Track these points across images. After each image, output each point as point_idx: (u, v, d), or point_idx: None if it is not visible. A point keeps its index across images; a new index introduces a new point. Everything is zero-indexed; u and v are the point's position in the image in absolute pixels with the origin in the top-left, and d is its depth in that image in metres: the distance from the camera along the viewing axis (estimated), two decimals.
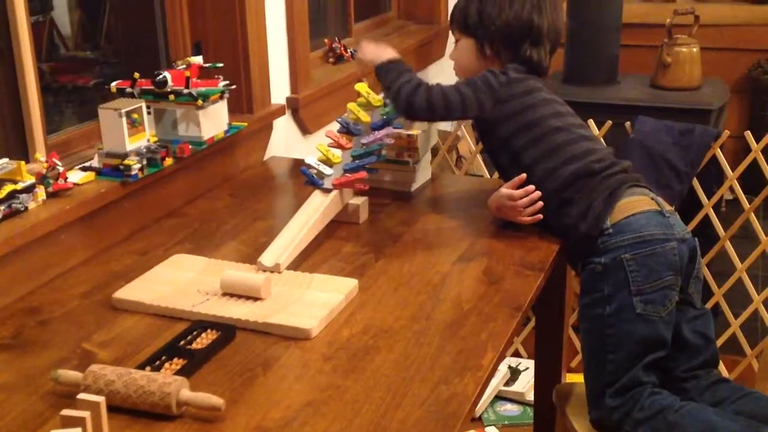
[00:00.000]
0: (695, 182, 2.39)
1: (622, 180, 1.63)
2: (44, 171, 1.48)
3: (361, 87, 1.85)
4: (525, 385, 2.49)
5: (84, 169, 1.59)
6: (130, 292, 1.37)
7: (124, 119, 1.57)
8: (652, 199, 1.63)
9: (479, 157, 2.66)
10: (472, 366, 1.20)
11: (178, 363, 1.17)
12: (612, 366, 1.56)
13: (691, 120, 2.55)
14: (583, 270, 1.64)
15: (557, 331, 1.97)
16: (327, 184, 1.64)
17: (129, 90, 1.71)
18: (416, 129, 1.87)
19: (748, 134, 2.32)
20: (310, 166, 1.68)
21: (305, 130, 2.33)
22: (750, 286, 2.43)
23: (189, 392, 1.07)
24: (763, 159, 2.29)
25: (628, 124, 2.46)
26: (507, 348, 1.31)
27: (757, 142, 2.29)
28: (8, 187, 1.39)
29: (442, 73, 3.41)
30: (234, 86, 1.83)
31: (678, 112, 2.75)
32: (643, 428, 1.53)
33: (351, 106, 1.81)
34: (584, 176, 1.62)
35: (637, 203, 1.61)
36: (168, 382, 1.06)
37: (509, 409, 2.46)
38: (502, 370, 2.53)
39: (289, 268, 1.46)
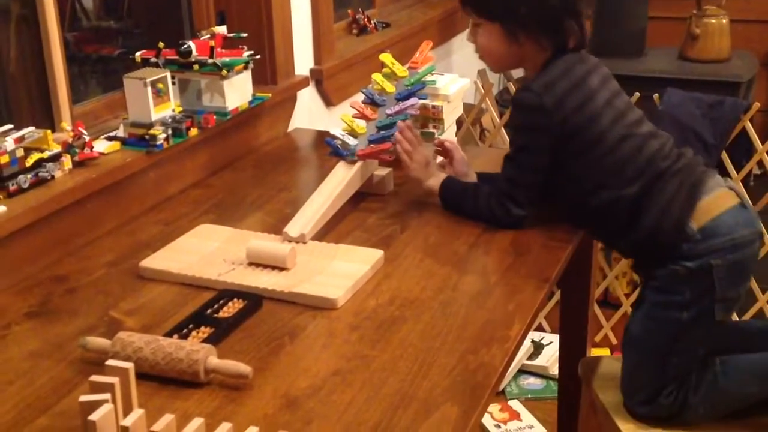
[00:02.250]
0: (724, 155, 2.35)
1: (695, 174, 1.48)
2: (70, 140, 1.48)
3: (386, 57, 1.83)
4: (548, 359, 2.48)
5: (109, 138, 1.59)
6: (156, 261, 1.37)
7: (149, 89, 1.56)
8: (731, 189, 1.50)
9: (503, 130, 2.63)
10: (500, 337, 1.19)
11: (204, 331, 1.17)
12: (674, 370, 1.48)
13: (720, 92, 2.52)
14: (659, 267, 1.49)
15: (583, 305, 1.95)
16: (352, 155, 1.63)
17: (153, 60, 1.70)
18: (441, 100, 1.85)
19: None
20: (334, 137, 1.67)
21: (329, 101, 2.31)
22: None
23: (217, 360, 1.07)
24: None
25: (656, 96, 2.42)
26: (534, 320, 1.30)
27: None
28: (35, 156, 1.39)
29: (466, 47, 3.38)
30: (258, 56, 1.82)
31: (707, 85, 2.71)
32: (703, 409, 1.48)
33: (376, 76, 1.79)
34: (653, 181, 1.47)
35: (720, 200, 1.47)
36: (196, 350, 1.06)
37: (532, 382, 2.46)
38: (526, 344, 2.52)
39: (314, 238, 1.45)
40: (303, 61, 2.18)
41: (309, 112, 2.22)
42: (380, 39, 2.56)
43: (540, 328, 2.67)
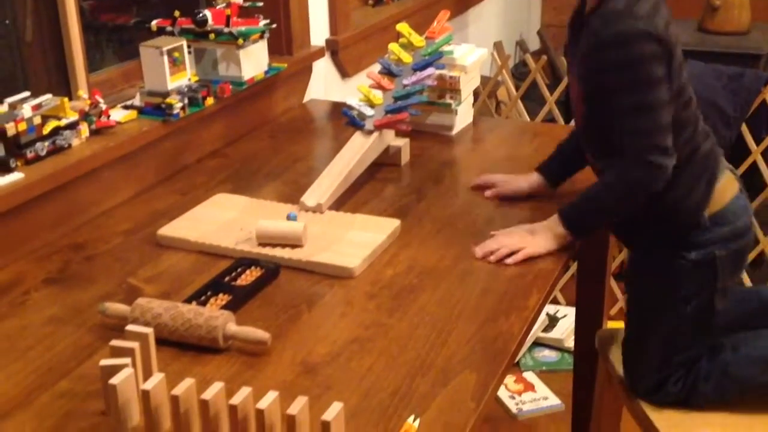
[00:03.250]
0: (744, 128, 2.33)
1: (716, 156, 1.43)
2: (87, 108, 1.48)
3: (403, 27, 1.81)
4: (563, 331, 2.48)
5: (126, 107, 1.58)
6: (173, 229, 1.37)
7: (165, 57, 1.55)
8: (732, 172, 1.46)
9: (520, 103, 2.61)
10: (518, 306, 1.18)
11: (223, 299, 1.17)
12: (680, 358, 1.45)
13: (740, 65, 2.48)
14: (659, 257, 1.45)
15: (599, 278, 1.94)
16: (368, 125, 1.62)
17: (169, 29, 1.69)
18: (458, 70, 1.84)
19: None
20: (351, 107, 1.66)
21: (344, 73, 2.30)
22: None
23: (235, 326, 1.07)
24: None
25: None
26: (552, 290, 1.29)
27: None
28: (52, 123, 1.39)
29: (482, 19, 3.35)
30: (274, 25, 1.80)
31: (727, 57, 2.68)
32: (713, 395, 1.46)
33: (392, 46, 1.77)
34: (690, 156, 1.39)
35: (728, 187, 1.42)
36: (215, 316, 1.06)
37: (547, 355, 2.46)
38: (540, 317, 2.52)
39: (330, 208, 1.45)
40: (319, 32, 2.16)
41: (325, 83, 2.21)
42: (396, 10, 2.54)
43: (555, 301, 2.67)
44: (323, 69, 2.20)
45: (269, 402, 0.88)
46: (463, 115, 1.89)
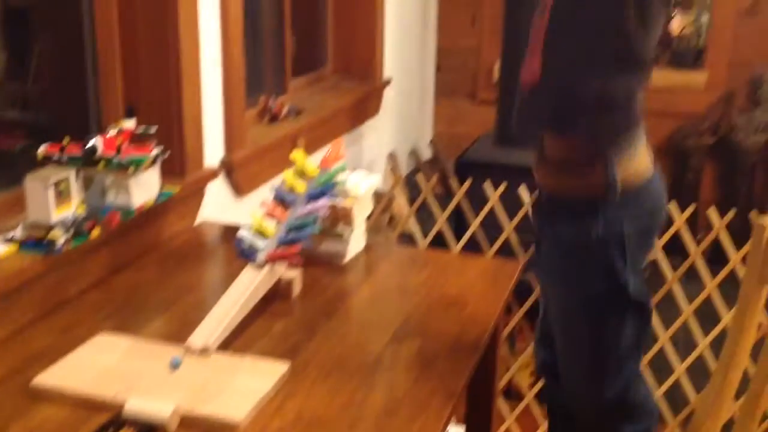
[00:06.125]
0: None
1: (639, 119, 1.48)
2: None
3: (298, 155, 1.83)
4: None
5: (6, 240, 1.52)
6: (49, 377, 1.31)
7: (51, 190, 1.52)
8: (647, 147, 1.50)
9: (413, 219, 2.66)
10: None
11: None
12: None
13: None
14: (564, 234, 1.49)
15: (488, 397, 1.97)
16: (260, 258, 1.61)
17: (57, 156, 1.65)
18: (351, 200, 1.86)
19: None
20: (242, 239, 1.65)
21: (239, 191, 2.30)
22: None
23: None
24: (686, 228, 2.36)
25: None
26: None
27: (683, 211, 2.35)
28: None
29: (377, 131, 3.44)
30: (168, 153, 1.79)
31: None
32: None
33: (286, 174, 1.79)
34: (638, 118, 1.47)
35: (643, 161, 1.46)
36: None
37: None
38: None
39: (219, 347, 1.42)
40: (213, 151, 2.16)
41: (218, 203, 2.20)
42: (292, 127, 2.58)
43: None
44: (217, 188, 2.19)
45: None
46: (356, 242, 1.91)
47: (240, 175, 2.27)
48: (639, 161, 1.50)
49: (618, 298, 1.52)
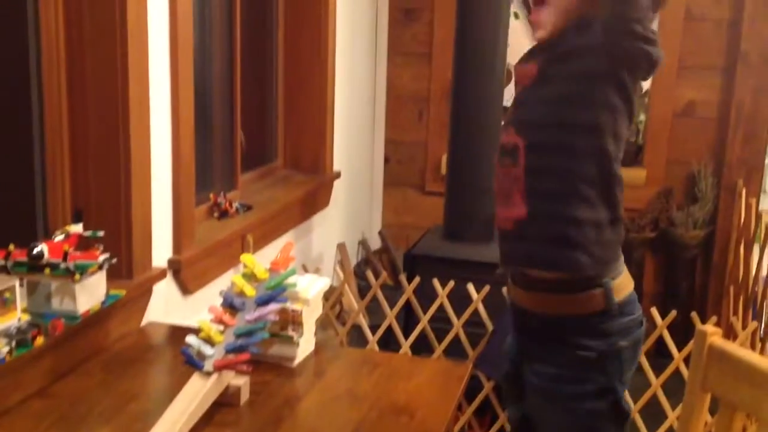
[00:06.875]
0: None
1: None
2: None
3: (247, 258, 1.83)
4: None
5: None
6: None
7: None
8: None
9: (362, 316, 2.67)
10: None
11: None
12: None
13: None
14: (559, 352, 1.44)
15: None
16: (208, 366, 1.59)
17: (2, 263, 1.63)
18: (301, 303, 1.86)
19: None
20: (190, 345, 1.63)
21: (186, 290, 2.28)
22: None
23: None
24: None
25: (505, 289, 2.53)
26: None
27: None
28: None
29: (326, 222, 3.46)
30: (115, 259, 1.78)
31: None
32: None
33: (235, 278, 1.79)
34: (618, 217, 1.46)
35: (625, 269, 1.47)
36: None
37: None
38: None
39: None
40: (161, 251, 2.15)
41: (165, 303, 2.18)
42: (241, 224, 2.58)
43: None
44: (164, 289, 2.17)
45: None
46: (305, 345, 1.90)
47: (188, 274, 2.25)
48: (624, 269, 1.50)
49: (611, 412, 1.51)
